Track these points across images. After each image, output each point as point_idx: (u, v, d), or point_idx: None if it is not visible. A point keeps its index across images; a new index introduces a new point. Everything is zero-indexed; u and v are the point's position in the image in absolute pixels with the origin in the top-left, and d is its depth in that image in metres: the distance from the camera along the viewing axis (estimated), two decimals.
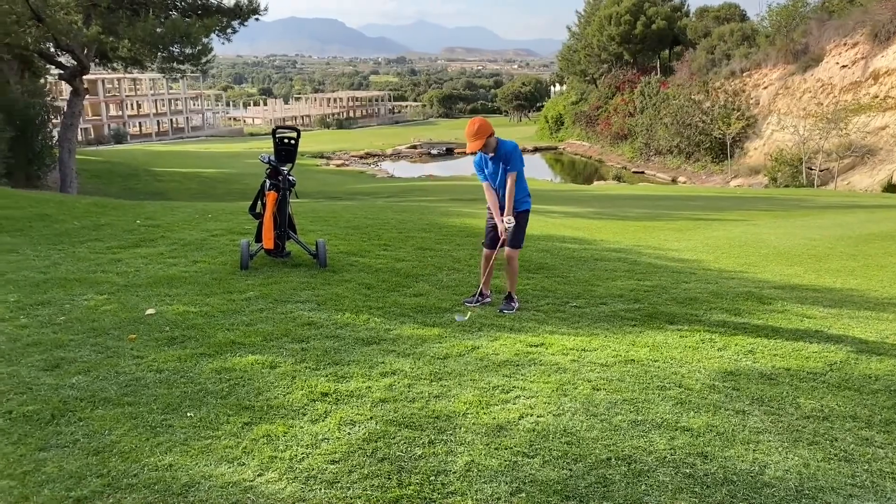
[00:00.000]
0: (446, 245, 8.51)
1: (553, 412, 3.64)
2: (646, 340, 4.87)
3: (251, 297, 5.59)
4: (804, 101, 37.80)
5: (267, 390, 3.84)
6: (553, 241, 9.38)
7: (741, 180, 38.91)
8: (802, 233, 10.56)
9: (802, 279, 7.16)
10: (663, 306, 5.84)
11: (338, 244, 8.15)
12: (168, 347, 4.47)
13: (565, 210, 14.64)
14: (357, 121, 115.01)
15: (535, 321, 5.34)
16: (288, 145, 6.66)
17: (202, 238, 8.16)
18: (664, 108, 46.41)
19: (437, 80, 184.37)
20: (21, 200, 9.92)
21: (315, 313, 5.25)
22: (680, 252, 8.72)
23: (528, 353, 4.54)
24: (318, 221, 10.28)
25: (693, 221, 12.31)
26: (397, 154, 60.45)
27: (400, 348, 4.55)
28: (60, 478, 2.96)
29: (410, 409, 3.62)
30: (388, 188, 27.31)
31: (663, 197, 21.59)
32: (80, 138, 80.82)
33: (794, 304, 5.99)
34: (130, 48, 16.73)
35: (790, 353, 4.66)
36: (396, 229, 9.71)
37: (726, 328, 5.21)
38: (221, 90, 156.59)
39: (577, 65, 64.98)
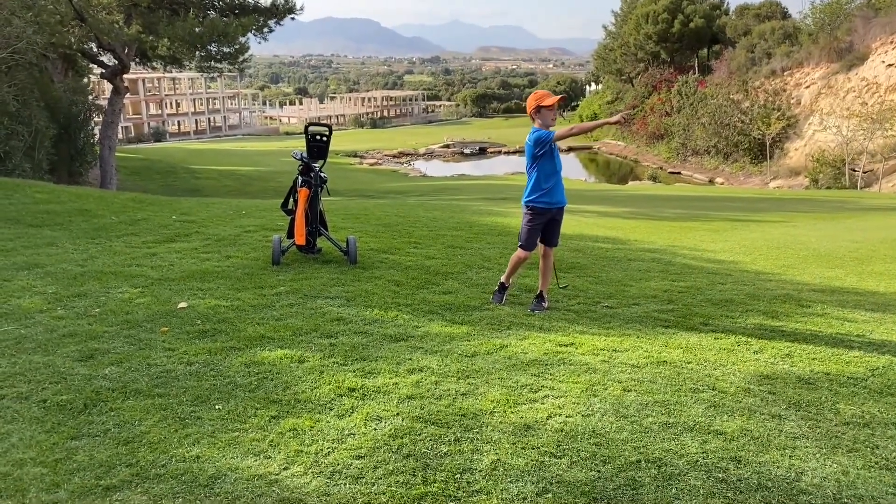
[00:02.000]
0: (476, 244, 8.47)
1: (582, 413, 3.57)
2: (679, 342, 4.77)
3: (281, 293, 5.62)
4: (848, 100, 36.84)
5: (295, 384, 3.85)
6: (586, 240, 9.27)
7: (780, 182, 38.11)
8: (844, 235, 10.27)
9: (844, 282, 6.95)
10: (698, 308, 5.72)
11: (368, 241, 8.17)
12: (199, 340, 4.51)
13: (599, 210, 14.48)
14: (391, 120, 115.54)
15: (566, 321, 5.27)
16: (320, 142, 6.69)
17: (235, 234, 8.25)
18: (702, 108, 45.68)
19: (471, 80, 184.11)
20: (62, 195, 10.16)
21: (344, 309, 5.26)
22: (716, 253, 8.54)
23: (558, 352, 4.47)
24: (349, 219, 10.33)
25: (730, 223, 12.06)
26: (430, 153, 60.54)
27: (428, 345, 4.53)
28: (91, 466, 3.00)
29: (437, 407, 3.60)
30: (420, 187, 27.36)
31: (699, 198, 21.22)
32: (121, 136, 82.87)
33: (834, 307, 5.81)
34: (170, 47, 17.04)
35: (829, 358, 4.51)
36: (427, 227, 9.70)
37: (763, 331, 5.08)
38: (258, 89, 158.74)
39: (612, 64, 64.34)
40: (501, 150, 62.37)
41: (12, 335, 4.48)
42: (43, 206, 9.10)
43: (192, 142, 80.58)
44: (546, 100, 5.23)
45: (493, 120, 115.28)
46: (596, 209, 14.64)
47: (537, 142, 5.24)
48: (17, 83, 14.62)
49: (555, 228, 5.54)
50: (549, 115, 5.26)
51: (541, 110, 5.23)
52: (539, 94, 5.32)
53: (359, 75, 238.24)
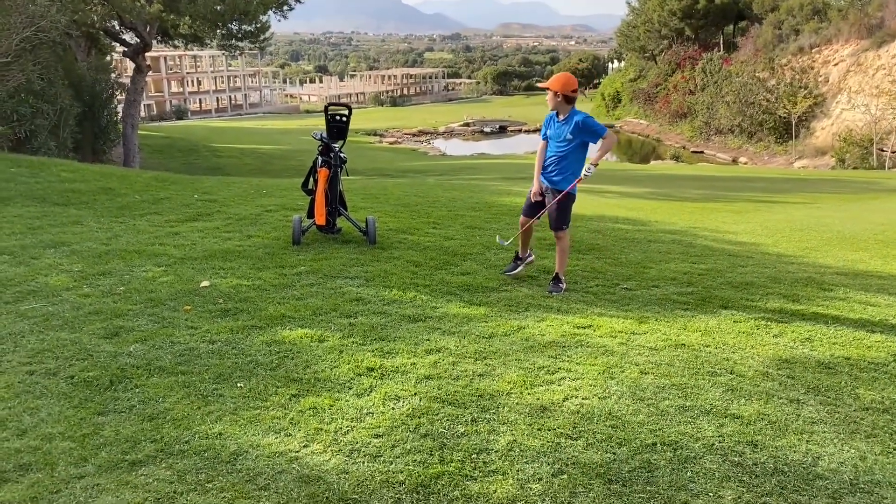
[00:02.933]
0: (496, 224, 8.46)
1: (599, 395, 3.59)
2: (698, 325, 4.76)
3: (302, 272, 5.68)
4: (877, 78, 36.00)
5: (315, 363, 3.91)
6: (606, 221, 9.22)
7: (806, 161, 37.47)
8: (869, 217, 10.10)
9: (867, 265, 6.86)
10: (717, 290, 5.69)
11: (387, 221, 8.19)
12: (221, 319, 4.58)
13: (620, 190, 14.36)
14: (411, 98, 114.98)
15: (584, 303, 5.27)
16: (340, 122, 6.70)
17: (256, 213, 8.32)
18: (726, 86, 44.88)
19: (492, 57, 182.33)
20: (87, 174, 10.30)
21: (363, 289, 5.30)
22: (737, 235, 8.46)
23: (575, 334, 4.49)
24: (369, 199, 10.36)
25: (752, 203, 11.92)
26: (450, 132, 60.27)
27: (445, 326, 4.56)
28: (117, 441, 3.08)
29: (454, 387, 3.63)
30: (440, 166, 27.31)
31: (722, 178, 20.95)
32: (143, 114, 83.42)
33: (856, 291, 5.75)
34: (191, 25, 17.07)
35: (850, 342, 4.48)
36: (446, 207, 9.71)
37: (783, 314, 5.05)
38: (279, 67, 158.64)
39: (636, 41, 63.25)
40: (522, 128, 61.92)
41: (40, 312, 4.59)
42: (68, 185, 9.24)
43: (214, 120, 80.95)
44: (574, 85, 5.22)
45: (514, 98, 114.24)
46: (618, 189, 14.52)
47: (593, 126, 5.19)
48: (42, 61, 14.76)
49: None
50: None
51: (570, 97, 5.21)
52: (571, 78, 5.28)
53: (379, 53, 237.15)
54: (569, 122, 5.24)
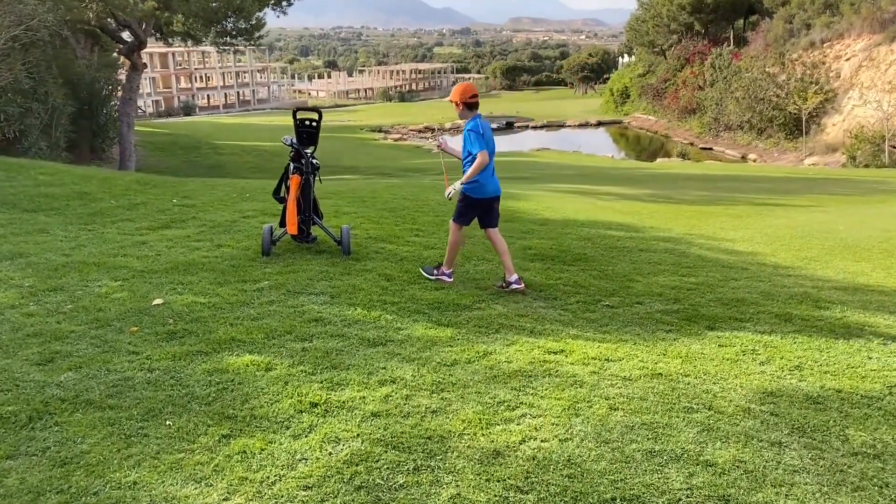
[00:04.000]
0: (482, 231, 8.12)
1: (560, 436, 3.27)
2: (679, 350, 4.42)
3: (264, 288, 5.38)
4: (890, 74, 35.32)
5: (255, 397, 3.61)
6: (598, 227, 8.88)
7: (816, 158, 36.83)
8: (876, 222, 9.69)
9: (869, 278, 6.49)
10: (706, 308, 5.34)
11: (369, 228, 7.90)
12: (166, 343, 4.29)
13: (619, 191, 13.98)
14: (419, 93, 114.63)
15: (560, 322, 4.94)
16: (309, 128, 6.39)
17: (233, 220, 8.03)
18: (735, 82, 44.22)
19: (502, 52, 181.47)
20: (66, 177, 10.04)
21: (326, 307, 4.99)
22: (734, 243, 8.09)
23: (545, 361, 4.16)
24: (355, 202, 10.06)
25: (755, 207, 11.51)
26: (456, 128, 59.74)
27: (406, 351, 4.25)
28: (19, 493, 2.80)
29: (402, 427, 3.32)
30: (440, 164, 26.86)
31: (728, 177, 20.49)
32: (151, 110, 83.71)
33: (855, 309, 5.39)
34: (184, 23, 16.81)
35: (844, 371, 4.13)
36: (434, 212, 9.39)
37: (773, 337, 4.70)
38: (288, 62, 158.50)
39: (645, 36, 62.57)
40: (529, 124, 61.40)
41: None
42: (44, 189, 8.98)
43: (221, 116, 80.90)
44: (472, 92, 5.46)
45: (523, 93, 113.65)
46: (616, 191, 14.14)
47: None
48: (31, 60, 14.52)
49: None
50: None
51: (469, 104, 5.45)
52: (469, 86, 5.52)
53: (388, 48, 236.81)
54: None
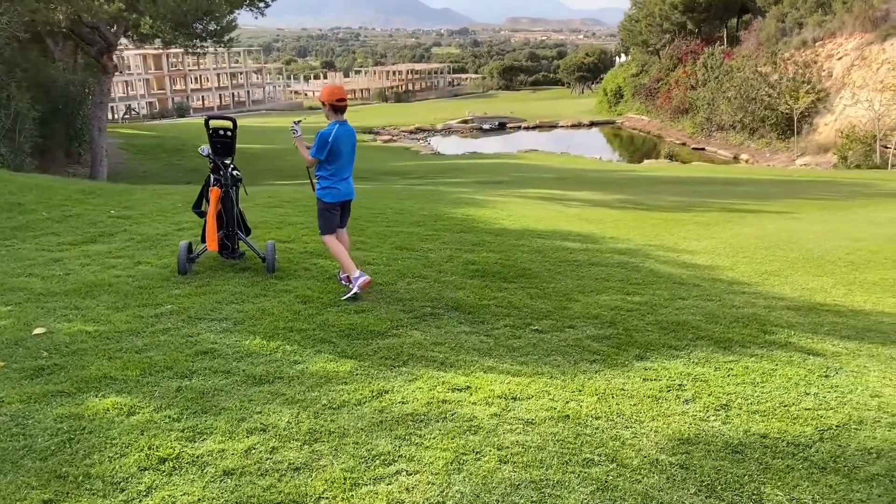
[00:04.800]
0: (429, 244, 7.74)
1: (432, 498, 2.87)
2: (598, 385, 4.02)
3: (163, 313, 4.97)
4: (881, 73, 34.95)
5: (100, 450, 3.20)
6: (555, 237, 8.48)
7: (808, 159, 36.47)
8: (848, 230, 9.29)
9: (827, 295, 6.09)
10: (641, 333, 4.94)
11: (309, 241, 7.50)
12: (29, 381, 3.88)
13: (591, 197, 13.58)
14: (416, 94, 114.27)
15: (479, 351, 4.54)
16: (224, 137, 5.98)
17: (165, 233, 7.63)
18: (728, 81, 43.86)
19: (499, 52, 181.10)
20: (7, 186, 9.64)
21: (224, 336, 4.59)
22: (694, 255, 7.69)
23: (445, 401, 3.76)
24: (306, 212, 9.65)
25: (727, 214, 11.11)
26: (448, 129, 59.36)
27: (293, 391, 3.84)
28: None
29: (253, 490, 2.92)
30: (423, 167, 26.53)
31: (710, 180, 20.08)
32: (145, 111, 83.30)
33: (804, 333, 4.98)
34: (152, 25, 16.40)
35: (774, 411, 3.73)
36: (387, 222, 9.00)
37: (707, 368, 4.30)
38: (285, 63, 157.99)
39: (638, 35, 62.17)
40: (521, 125, 60.98)
41: None
42: None
43: None
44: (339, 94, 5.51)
45: (520, 93, 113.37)
46: (589, 196, 13.74)
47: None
48: None
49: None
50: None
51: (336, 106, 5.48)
52: (337, 87, 5.63)
53: (386, 48, 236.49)
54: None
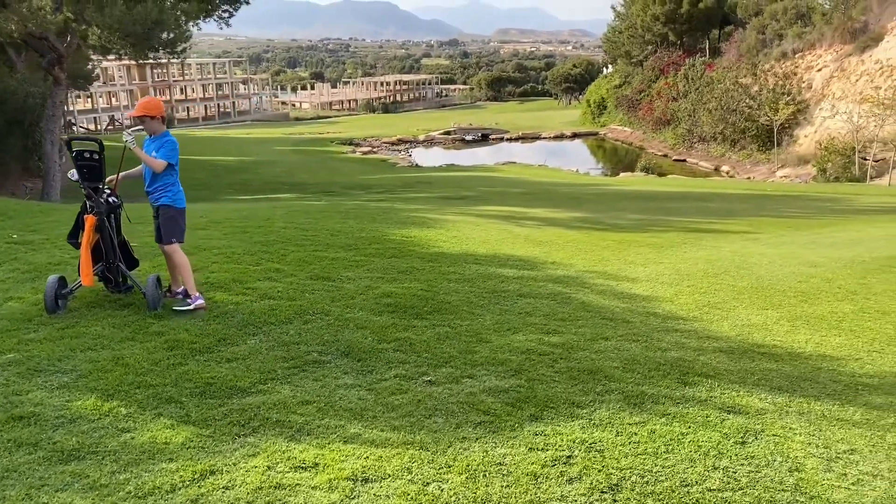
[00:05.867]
0: (352, 272, 7.14)
1: None
2: (472, 458, 3.42)
3: (1, 364, 4.34)
4: (860, 84, 34.75)
5: None
6: (491, 263, 7.89)
7: (789, 170, 36.19)
8: (806, 254, 8.76)
9: (768, 333, 5.52)
10: (546, 385, 4.35)
11: (217, 270, 6.89)
12: None
13: (549, 215, 13.02)
14: (403, 105, 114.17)
15: (351, 412, 3.93)
16: (90, 160, 5.36)
17: (60, 261, 7.00)
18: (708, 93, 43.63)
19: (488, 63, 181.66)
20: None
21: (56, 394, 3.97)
22: (634, 284, 7.12)
23: (280, 485, 3.14)
24: (233, 233, 9.05)
25: (685, 234, 10.56)
26: (430, 140, 58.86)
27: (100, 472, 3.22)
28: None
29: None
30: (394, 180, 25.94)
31: (679, 195, 19.58)
32: (129, 123, 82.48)
33: (729, 384, 4.40)
34: (100, 35, 15.78)
35: (671, 493, 3.14)
36: (315, 246, 8.38)
37: (606, 432, 3.71)
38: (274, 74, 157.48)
39: (621, 46, 62.08)
40: (504, 136, 60.58)
41: None
42: None
43: (199, 129, 79.91)
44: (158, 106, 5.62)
45: (508, 104, 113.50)
46: (547, 214, 13.18)
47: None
48: None
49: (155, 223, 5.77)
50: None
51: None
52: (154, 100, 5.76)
53: (376, 59, 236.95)
54: (159, 140, 5.56)
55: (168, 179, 5.64)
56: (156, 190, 5.64)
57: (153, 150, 5.57)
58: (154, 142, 5.62)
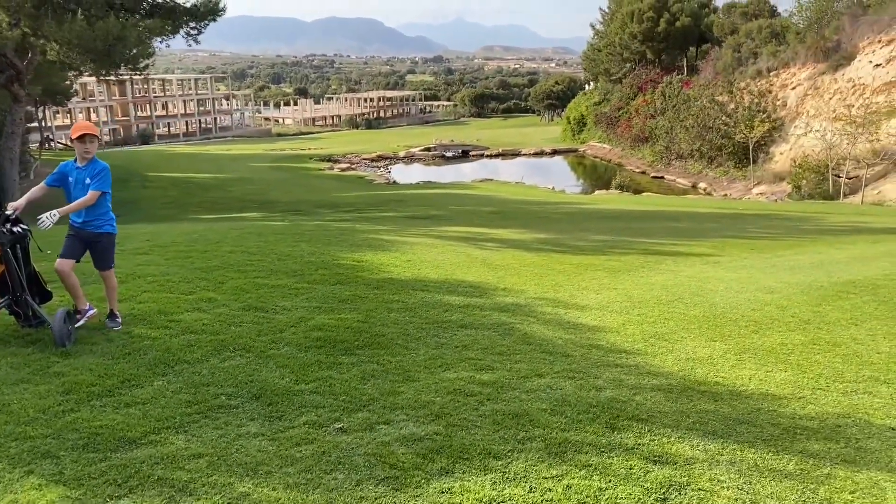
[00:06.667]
0: (290, 301, 6.83)
1: None
2: None
3: None
4: (833, 103, 35.08)
5: None
6: (440, 290, 7.60)
7: (764, 187, 36.39)
8: (764, 278, 8.55)
9: (712, 369, 5.26)
10: (466, 431, 4.05)
11: (149, 298, 6.57)
12: None
13: (512, 236, 12.77)
14: (387, 121, 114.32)
15: (243, 467, 3.60)
16: None
17: None
18: (685, 110, 43.92)
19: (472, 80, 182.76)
20: None
21: None
22: (583, 312, 6.85)
23: None
24: (176, 258, 8.72)
25: (644, 257, 10.33)
26: (410, 157, 58.73)
27: None
28: None
29: None
30: (366, 198, 25.63)
31: (648, 214, 19.44)
32: (109, 138, 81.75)
33: (661, 429, 4.12)
34: (58, 51, 15.43)
35: None
36: (257, 272, 8.06)
37: (518, 489, 3.41)
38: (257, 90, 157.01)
39: (600, 64, 62.58)
40: (484, 153, 60.59)
41: None
42: None
43: (179, 145, 79.49)
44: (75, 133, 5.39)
45: (491, 120, 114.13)
46: (510, 235, 12.93)
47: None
48: None
49: (94, 251, 5.65)
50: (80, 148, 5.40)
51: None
52: (88, 124, 5.59)
53: (361, 75, 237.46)
54: (90, 167, 5.36)
55: (106, 206, 5.58)
56: (96, 218, 5.53)
57: (87, 176, 5.41)
58: (86, 168, 5.43)
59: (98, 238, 5.55)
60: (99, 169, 5.39)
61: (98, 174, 5.37)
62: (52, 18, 14.77)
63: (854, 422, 4.30)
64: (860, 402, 4.61)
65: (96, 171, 5.37)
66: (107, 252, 5.62)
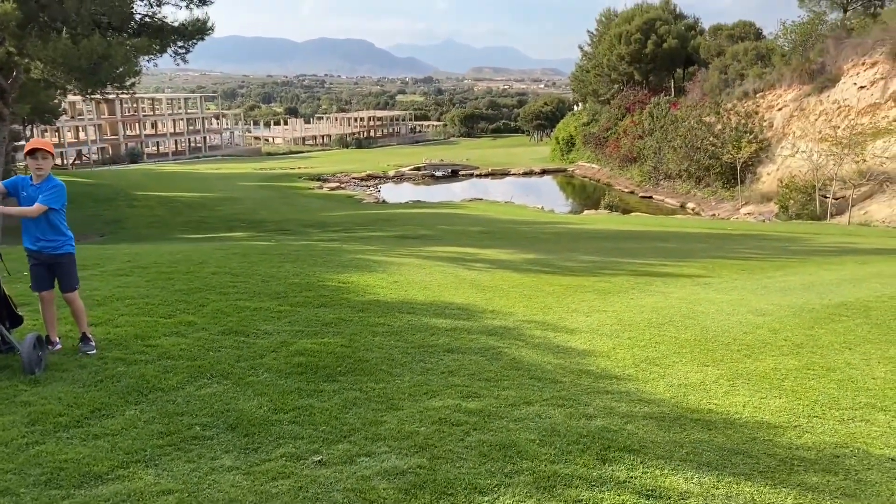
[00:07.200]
0: (272, 324, 6.65)
1: None
2: None
3: None
4: (819, 124, 35.41)
5: None
6: (427, 313, 7.44)
7: (752, 208, 36.55)
8: (756, 301, 8.45)
9: (705, 395, 5.12)
10: (451, 464, 3.87)
11: (126, 322, 6.38)
12: None
13: (501, 257, 12.64)
14: (377, 140, 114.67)
15: (213, 502, 3.40)
16: None
17: None
18: (673, 131, 44.22)
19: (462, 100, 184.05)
20: None
21: None
22: (572, 336, 6.70)
23: None
24: (157, 279, 8.52)
25: (634, 278, 10.23)
26: (400, 176, 58.75)
27: None
28: None
29: None
30: (355, 217, 25.48)
31: (637, 235, 19.40)
32: (97, 157, 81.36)
33: (654, 460, 3.96)
34: (43, 69, 15.27)
35: None
36: (239, 293, 7.88)
37: None
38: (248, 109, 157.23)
39: (588, 85, 63.05)
40: (474, 172, 60.71)
41: None
42: None
43: (168, 163, 79.17)
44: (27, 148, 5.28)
45: (480, 140, 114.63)
46: (498, 256, 12.80)
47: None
48: None
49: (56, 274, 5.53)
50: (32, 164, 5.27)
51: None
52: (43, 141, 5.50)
53: (351, 95, 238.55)
54: (44, 185, 5.26)
55: (62, 226, 5.47)
56: (53, 240, 5.43)
57: (39, 194, 5.27)
58: (40, 186, 5.31)
59: (58, 259, 5.45)
60: (51, 186, 5.28)
61: (49, 190, 5.25)
62: (38, 37, 14.65)
63: (852, 452, 4.16)
64: (858, 431, 4.48)
65: (48, 188, 5.26)
66: (69, 273, 5.52)
